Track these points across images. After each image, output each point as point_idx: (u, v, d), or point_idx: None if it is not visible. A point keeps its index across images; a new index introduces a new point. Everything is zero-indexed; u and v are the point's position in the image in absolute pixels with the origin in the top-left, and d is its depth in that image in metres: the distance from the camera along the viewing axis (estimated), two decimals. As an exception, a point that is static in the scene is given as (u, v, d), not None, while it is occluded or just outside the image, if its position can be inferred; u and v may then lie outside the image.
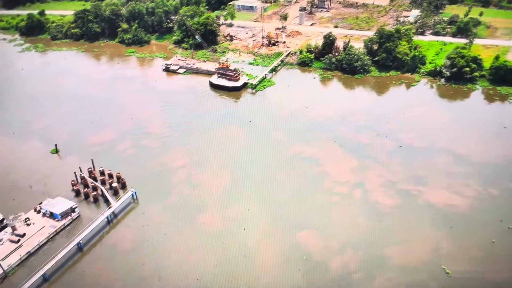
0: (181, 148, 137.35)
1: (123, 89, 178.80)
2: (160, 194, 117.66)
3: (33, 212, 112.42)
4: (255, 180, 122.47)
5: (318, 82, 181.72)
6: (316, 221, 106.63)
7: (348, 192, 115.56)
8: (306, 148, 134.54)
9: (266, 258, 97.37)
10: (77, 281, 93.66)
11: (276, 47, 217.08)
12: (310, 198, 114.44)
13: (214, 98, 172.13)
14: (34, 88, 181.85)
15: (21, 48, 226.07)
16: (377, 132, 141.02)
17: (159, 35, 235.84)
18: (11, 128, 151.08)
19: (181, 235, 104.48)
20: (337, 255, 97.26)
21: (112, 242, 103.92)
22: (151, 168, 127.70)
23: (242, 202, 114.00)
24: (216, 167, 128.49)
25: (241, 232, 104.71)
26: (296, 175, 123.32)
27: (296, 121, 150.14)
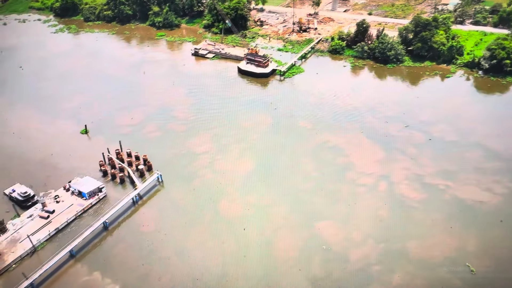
0: (206, 133, 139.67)
1: (151, 72, 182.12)
2: (183, 178, 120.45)
3: (63, 190, 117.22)
4: (278, 167, 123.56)
5: (348, 71, 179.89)
6: (338, 212, 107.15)
7: (373, 184, 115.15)
8: (332, 138, 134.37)
9: (284, 246, 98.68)
10: (102, 258, 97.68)
11: (307, 33, 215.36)
12: (333, 188, 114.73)
13: (241, 84, 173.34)
14: (66, 69, 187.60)
15: (54, 29, 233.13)
16: (406, 123, 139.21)
17: (189, 19, 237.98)
18: (43, 108, 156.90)
19: (202, 219, 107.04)
20: (357, 247, 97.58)
21: (136, 222, 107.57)
22: (175, 152, 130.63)
23: (264, 189, 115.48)
24: (239, 153, 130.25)
25: (262, 219, 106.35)
26: (320, 164, 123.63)
27: (323, 110, 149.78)
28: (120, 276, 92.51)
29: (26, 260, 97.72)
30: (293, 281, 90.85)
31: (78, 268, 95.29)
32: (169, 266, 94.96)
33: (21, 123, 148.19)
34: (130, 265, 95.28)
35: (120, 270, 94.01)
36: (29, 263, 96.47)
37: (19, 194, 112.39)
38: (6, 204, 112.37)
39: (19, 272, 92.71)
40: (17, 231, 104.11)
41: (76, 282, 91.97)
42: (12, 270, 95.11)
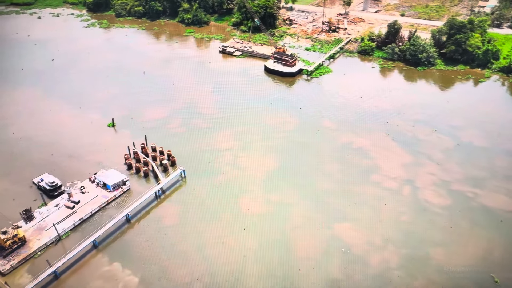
0: (230, 130, 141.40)
1: (178, 68, 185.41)
2: (206, 173, 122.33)
3: (88, 181, 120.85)
4: (301, 167, 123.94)
5: (377, 72, 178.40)
6: (359, 215, 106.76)
7: (397, 187, 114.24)
8: (357, 139, 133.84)
9: (303, 247, 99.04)
10: (123, 250, 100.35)
11: (336, 33, 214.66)
12: (356, 190, 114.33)
13: (267, 83, 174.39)
14: (95, 62, 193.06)
15: (86, 24, 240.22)
16: (434, 128, 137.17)
17: (218, 16, 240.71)
18: (72, 100, 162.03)
19: (223, 216, 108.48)
20: (378, 251, 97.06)
21: (158, 216, 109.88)
22: (199, 148, 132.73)
23: (286, 188, 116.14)
24: (262, 151, 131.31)
25: (282, 217, 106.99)
26: (344, 165, 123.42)
27: (349, 111, 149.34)
28: (140, 268, 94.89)
29: (51, 248, 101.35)
30: (311, 282, 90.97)
31: (99, 258, 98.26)
32: (187, 261, 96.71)
33: (51, 114, 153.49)
34: (150, 258, 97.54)
35: (140, 262, 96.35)
36: (53, 251, 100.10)
37: (47, 184, 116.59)
38: (34, 193, 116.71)
39: (44, 259, 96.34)
40: (43, 219, 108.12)
41: (97, 272, 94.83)
42: (37, 257, 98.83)
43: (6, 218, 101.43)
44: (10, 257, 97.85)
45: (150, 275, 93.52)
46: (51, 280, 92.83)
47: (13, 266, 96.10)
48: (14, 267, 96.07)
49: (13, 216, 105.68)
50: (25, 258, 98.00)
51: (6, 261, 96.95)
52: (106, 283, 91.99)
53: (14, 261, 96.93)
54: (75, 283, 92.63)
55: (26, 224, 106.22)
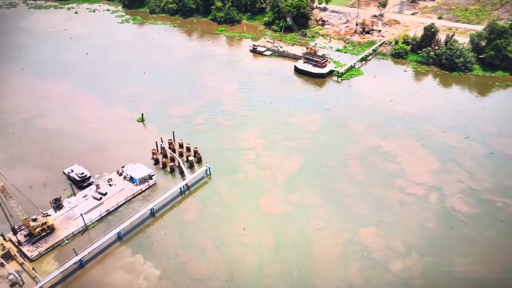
0: (254, 129, 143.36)
1: (207, 66, 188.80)
2: (229, 171, 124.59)
3: (116, 174, 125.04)
4: (324, 168, 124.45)
5: (409, 76, 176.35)
6: (382, 219, 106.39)
7: (423, 194, 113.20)
8: (384, 143, 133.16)
9: (322, 249, 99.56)
10: (146, 243, 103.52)
11: (370, 35, 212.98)
12: (380, 194, 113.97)
13: (296, 83, 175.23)
14: (127, 57, 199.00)
15: (121, 19, 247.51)
16: (467, 134, 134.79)
17: (250, 15, 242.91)
18: (104, 94, 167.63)
19: (243, 214, 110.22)
20: (399, 258, 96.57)
21: (181, 212, 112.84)
22: (222, 145, 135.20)
23: (308, 189, 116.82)
24: (286, 151, 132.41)
25: (303, 219, 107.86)
26: (369, 169, 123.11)
27: (378, 114, 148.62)
28: (161, 262, 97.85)
29: (78, 237, 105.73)
30: (328, 285, 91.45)
31: (123, 250, 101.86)
32: (206, 257, 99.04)
33: (83, 107, 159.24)
34: (171, 252, 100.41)
35: (161, 256, 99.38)
36: (79, 240, 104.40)
37: (77, 174, 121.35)
38: (64, 183, 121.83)
39: (70, 248, 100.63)
40: (72, 209, 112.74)
41: (120, 263, 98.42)
42: (64, 245, 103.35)
43: (37, 206, 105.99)
44: (39, 243, 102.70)
45: (170, 269, 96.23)
46: (76, 268, 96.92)
47: (41, 252, 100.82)
48: (42, 254, 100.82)
49: (43, 205, 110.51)
50: (52, 246, 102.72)
51: (35, 247, 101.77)
52: (128, 274, 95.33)
53: (42, 248, 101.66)
54: (98, 273, 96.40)
55: (55, 213, 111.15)
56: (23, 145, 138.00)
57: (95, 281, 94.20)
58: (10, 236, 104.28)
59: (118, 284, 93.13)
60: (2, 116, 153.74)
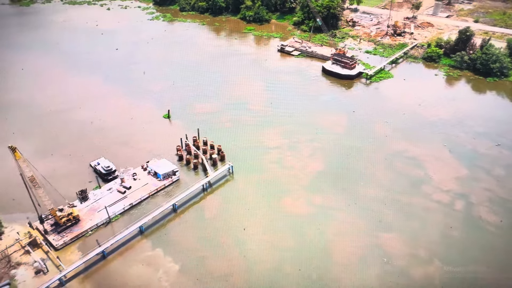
0: (279, 128, 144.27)
1: (233, 64, 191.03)
2: (252, 170, 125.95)
3: (141, 168, 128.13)
4: (348, 170, 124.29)
5: (440, 80, 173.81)
6: (405, 226, 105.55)
7: (449, 201, 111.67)
8: (410, 147, 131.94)
9: (342, 253, 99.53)
10: (167, 238, 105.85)
11: (401, 37, 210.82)
12: (404, 200, 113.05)
13: (323, 84, 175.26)
14: (155, 54, 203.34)
15: (151, 16, 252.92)
16: (498, 142, 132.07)
17: (280, 15, 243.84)
18: (131, 89, 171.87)
19: (264, 213, 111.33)
20: (421, 266, 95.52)
21: (202, 209, 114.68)
22: (247, 144, 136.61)
23: (331, 191, 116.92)
24: (310, 151, 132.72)
25: (324, 221, 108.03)
26: (394, 173, 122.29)
27: (405, 118, 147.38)
28: (180, 257, 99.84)
29: (101, 228, 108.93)
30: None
31: (144, 243, 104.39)
32: (225, 254, 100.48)
33: (111, 101, 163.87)
34: (191, 248, 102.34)
35: (181, 251, 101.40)
36: (103, 232, 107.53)
37: (103, 168, 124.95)
38: (90, 175, 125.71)
39: (94, 239, 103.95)
40: (96, 201, 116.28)
41: (141, 256, 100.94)
42: (88, 236, 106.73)
43: (63, 196, 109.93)
44: (64, 233, 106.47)
45: (189, 265, 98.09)
46: (98, 259, 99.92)
47: (66, 242, 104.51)
48: (66, 243, 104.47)
49: (70, 195, 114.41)
50: (77, 236, 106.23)
51: (60, 237, 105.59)
52: (148, 267, 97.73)
53: (67, 237, 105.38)
54: (119, 264, 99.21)
55: (81, 204, 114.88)
56: (53, 136, 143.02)
57: (116, 273, 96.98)
58: (37, 225, 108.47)
59: (138, 276, 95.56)
60: (35, 107, 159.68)
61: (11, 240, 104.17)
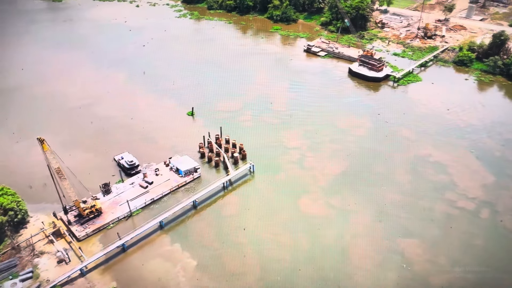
0: (300, 129, 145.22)
1: (258, 63, 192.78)
2: (271, 169, 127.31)
3: (163, 164, 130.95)
4: (370, 174, 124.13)
5: (471, 85, 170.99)
6: (426, 232, 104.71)
7: (474, 209, 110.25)
8: (435, 152, 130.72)
9: (360, 256, 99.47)
10: (186, 233, 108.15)
11: (432, 40, 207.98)
12: (426, 205, 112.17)
13: (348, 85, 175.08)
14: (180, 51, 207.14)
15: (178, 14, 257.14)
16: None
17: (307, 15, 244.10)
18: (156, 86, 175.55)
19: (282, 213, 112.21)
20: (442, 273, 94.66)
21: (222, 206, 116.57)
22: (267, 143, 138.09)
23: (350, 194, 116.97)
24: (331, 153, 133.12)
25: (341, 223, 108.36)
26: (417, 178, 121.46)
27: (432, 122, 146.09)
28: (198, 253, 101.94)
29: (122, 222, 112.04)
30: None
31: (163, 238, 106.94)
32: (242, 252, 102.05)
33: (137, 97, 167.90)
34: (208, 244, 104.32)
35: (199, 247, 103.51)
36: (124, 225, 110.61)
37: (126, 162, 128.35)
38: (114, 169, 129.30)
39: (115, 231, 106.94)
40: (119, 195, 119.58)
41: (159, 250, 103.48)
42: (109, 228, 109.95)
43: (87, 189, 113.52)
44: (87, 225, 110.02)
45: (205, 261, 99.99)
46: (118, 252, 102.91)
47: (88, 233, 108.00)
48: (88, 235, 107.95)
49: (93, 188, 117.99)
50: (99, 228, 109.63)
51: (83, 228, 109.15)
52: (166, 262, 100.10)
53: (89, 229, 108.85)
54: (138, 258, 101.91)
55: (104, 197, 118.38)
56: (79, 130, 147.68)
57: (135, 266, 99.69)
58: (61, 215, 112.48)
59: (156, 270, 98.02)
60: (63, 101, 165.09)
61: (36, 229, 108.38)
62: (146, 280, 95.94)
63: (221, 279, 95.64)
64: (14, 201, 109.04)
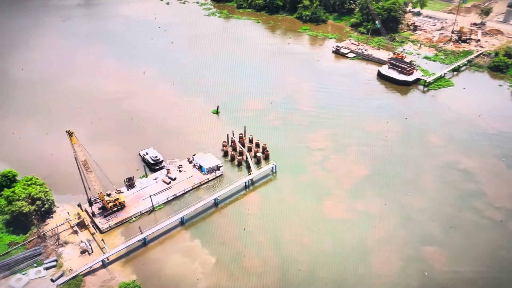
0: (326, 130, 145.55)
1: (285, 63, 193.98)
2: (294, 170, 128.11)
3: (186, 161, 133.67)
4: (395, 179, 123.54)
5: (505, 92, 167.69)
6: (451, 240, 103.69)
7: (502, 219, 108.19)
8: (464, 159, 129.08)
9: (381, 262, 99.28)
10: (206, 230, 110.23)
11: (466, 44, 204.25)
12: (452, 213, 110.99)
13: (377, 88, 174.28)
14: (208, 49, 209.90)
15: (208, 12, 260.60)
16: None
17: (337, 16, 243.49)
18: (182, 83, 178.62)
19: (304, 215, 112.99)
20: (464, 283, 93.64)
21: (243, 205, 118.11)
22: (291, 144, 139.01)
23: (374, 198, 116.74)
24: (356, 156, 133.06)
25: (363, 227, 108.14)
26: (443, 185, 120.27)
27: (462, 128, 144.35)
28: (217, 250, 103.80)
29: (144, 216, 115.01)
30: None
31: (183, 234, 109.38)
32: (261, 251, 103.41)
33: (163, 93, 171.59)
34: (228, 242, 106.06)
35: (218, 245, 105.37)
36: (146, 220, 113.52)
37: (151, 157, 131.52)
38: (138, 163, 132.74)
39: (137, 225, 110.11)
40: (142, 189, 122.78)
41: (179, 245, 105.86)
42: (131, 222, 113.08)
43: (112, 182, 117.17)
44: (110, 217, 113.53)
45: (224, 258, 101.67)
46: (139, 245, 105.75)
47: (111, 226, 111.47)
48: (111, 227, 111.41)
49: (118, 182, 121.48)
50: (121, 221, 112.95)
51: (106, 220, 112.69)
52: (185, 257, 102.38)
53: (112, 222, 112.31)
54: (159, 252, 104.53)
55: (127, 191, 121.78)
56: (107, 124, 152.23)
57: (155, 260, 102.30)
58: (86, 207, 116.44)
59: (175, 265, 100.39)
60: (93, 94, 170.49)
61: (62, 220, 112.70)
62: (165, 274, 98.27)
63: (239, 277, 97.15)
64: (42, 191, 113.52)
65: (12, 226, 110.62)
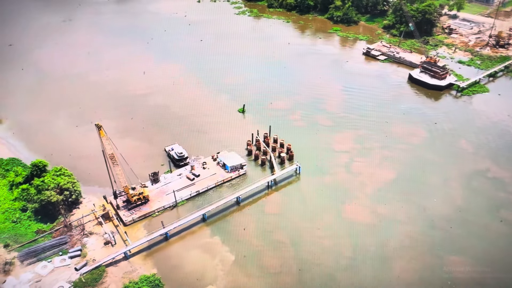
0: (351, 132, 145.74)
1: (313, 63, 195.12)
2: (317, 171, 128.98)
3: (211, 158, 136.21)
4: (420, 184, 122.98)
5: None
6: (476, 250, 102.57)
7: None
8: (495, 167, 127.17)
9: (403, 268, 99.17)
10: (227, 228, 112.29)
11: (504, 49, 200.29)
12: (479, 222, 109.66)
13: (407, 92, 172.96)
14: (237, 48, 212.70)
15: (238, 11, 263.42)
16: None
17: (370, 17, 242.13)
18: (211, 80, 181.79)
19: (325, 217, 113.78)
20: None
21: (265, 205, 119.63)
22: (316, 145, 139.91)
23: (398, 203, 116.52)
24: (381, 159, 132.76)
25: (386, 232, 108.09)
26: (471, 193, 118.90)
27: (495, 135, 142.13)
28: (237, 247, 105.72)
29: (167, 211, 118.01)
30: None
31: (204, 230, 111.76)
32: (280, 252, 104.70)
33: (191, 90, 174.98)
34: (248, 241, 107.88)
35: (238, 243, 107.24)
36: (168, 215, 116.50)
37: (176, 153, 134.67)
38: (163, 159, 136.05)
39: (159, 220, 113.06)
40: (166, 185, 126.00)
41: (200, 241, 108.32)
42: (154, 216, 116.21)
43: (137, 176, 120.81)
44: (134, 211, 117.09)
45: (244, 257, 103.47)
46: (161, 240, 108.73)
47: (134, 219, 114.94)
48: (134, 220, 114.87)
49: (143, 176, 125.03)
50: (144, 215, 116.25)
51: (130, 213, 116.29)
52: (205, 253, 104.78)
53: (136, 215, 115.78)
54: (179, 247, 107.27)
55: (152, 186, 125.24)
56: (135, 118, 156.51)
57: (175, 254, 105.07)
58: (111, 200, 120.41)
59: (195, 261, 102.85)
60: (121, 90, 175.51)
61: (87, 211, 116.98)
62: (185, 269, 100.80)
63: (258, 276, 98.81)
64: (70, 182, 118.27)
65: (41, 215, 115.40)
